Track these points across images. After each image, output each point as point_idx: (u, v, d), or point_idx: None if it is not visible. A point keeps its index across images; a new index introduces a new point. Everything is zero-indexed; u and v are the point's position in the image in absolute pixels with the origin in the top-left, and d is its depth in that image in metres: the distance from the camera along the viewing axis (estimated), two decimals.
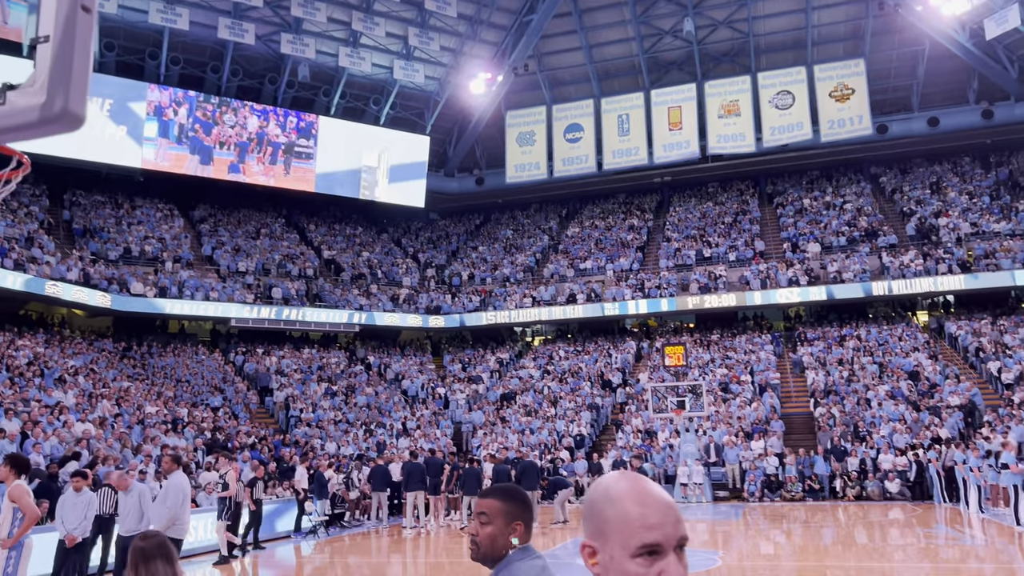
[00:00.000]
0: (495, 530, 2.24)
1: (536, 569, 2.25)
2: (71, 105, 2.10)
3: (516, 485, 2.47)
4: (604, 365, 29.58)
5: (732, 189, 38.36)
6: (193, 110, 31.27)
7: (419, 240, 39.87)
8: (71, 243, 28.58)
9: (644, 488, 1.29)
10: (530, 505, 2.35)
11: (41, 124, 2.10)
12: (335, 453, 22.14)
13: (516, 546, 2.28)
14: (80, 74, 2.15)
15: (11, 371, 19.42)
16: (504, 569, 2.25)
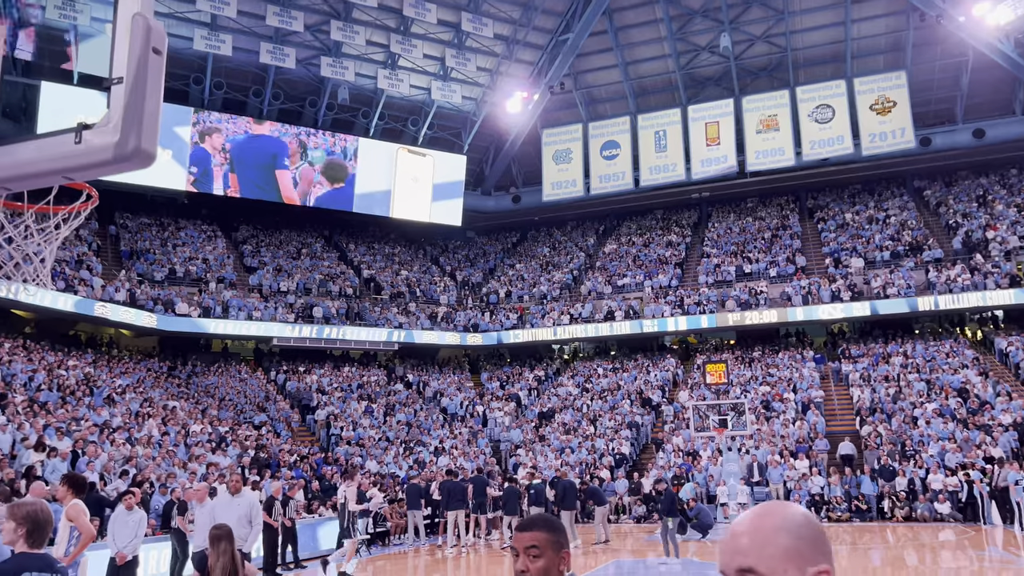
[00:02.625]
0: (547, 563, 2.19)
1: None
2: (143, 144, 2.18)
3: (549, 515, 2.43)
4: (644, 383, 29.35)
5: (772, 204, 37.96)
6: (233, 133, 31.95)
7: (456, 258, 40.11)
8: (118, 265, 29.31)
9: (736, 519, 1.35)
10: (565, 532, 2.34)
11: (115, 162, 2.19)
12: (376, 471, 22.24)
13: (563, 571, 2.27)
14: (151, 114, 2.23)
15: (62, 390, 19.92)
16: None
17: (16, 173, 2.29)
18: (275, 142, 32.70)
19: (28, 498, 5.97)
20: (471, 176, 37.44)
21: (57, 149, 2.25)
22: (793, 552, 1.27)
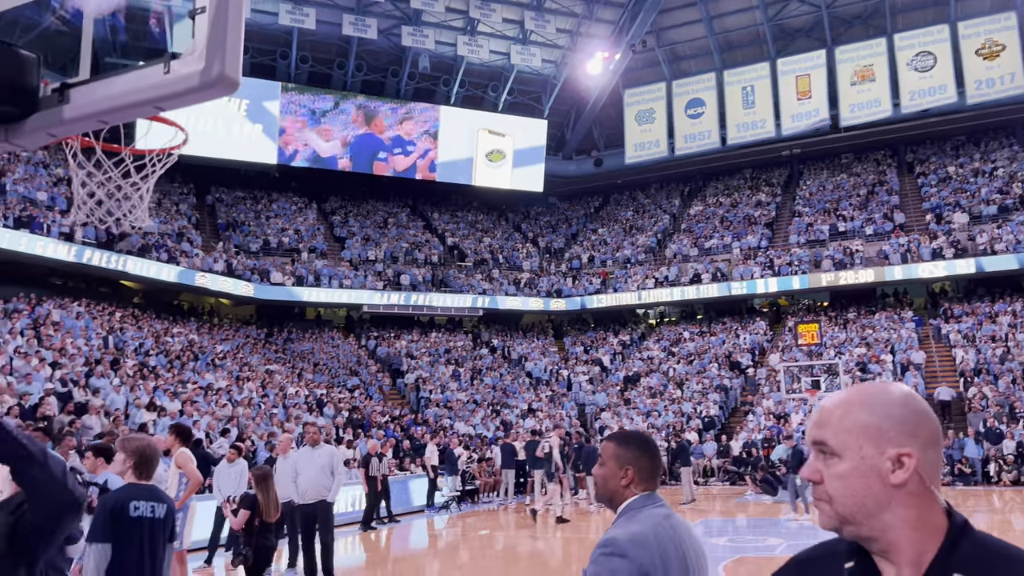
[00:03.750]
0: (606, 472, 2.32)
1: (657, 517, 2.25)
2: (227, 70, 2.25)
3: (644, 434, 2.46)
4: (732, 346, 28.77)
5: (867, 159, 36.24)
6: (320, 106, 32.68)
7: (539, 224, 40.07)
8: (216, 237, 30.59)
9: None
10: (648, 455, 2.35)
11: (201, 89, 2.27)
12: (465, 432, 22.68)
13: (635, 492, 2.30)
14: (234, 41, 2.30)
15: (168, 356, 21.06)
16: (624, 515, 2.28)
17: (113, 105, 2.40)
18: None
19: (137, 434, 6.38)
20: (552, 141, 37.18)
21: (148, 80, 2.34)
22: (872, 429, 1.18)
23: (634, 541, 2.13)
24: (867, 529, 1.15)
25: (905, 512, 1.14)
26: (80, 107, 2.42)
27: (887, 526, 1.14)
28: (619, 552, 2.10)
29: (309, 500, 8.52)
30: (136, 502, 3.89)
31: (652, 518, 2.22)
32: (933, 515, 1.15)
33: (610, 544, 2.13)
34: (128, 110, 2.42)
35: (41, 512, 1.71)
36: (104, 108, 2.40)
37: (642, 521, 2.20)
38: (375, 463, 14.38)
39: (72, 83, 2.45)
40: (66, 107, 2.44)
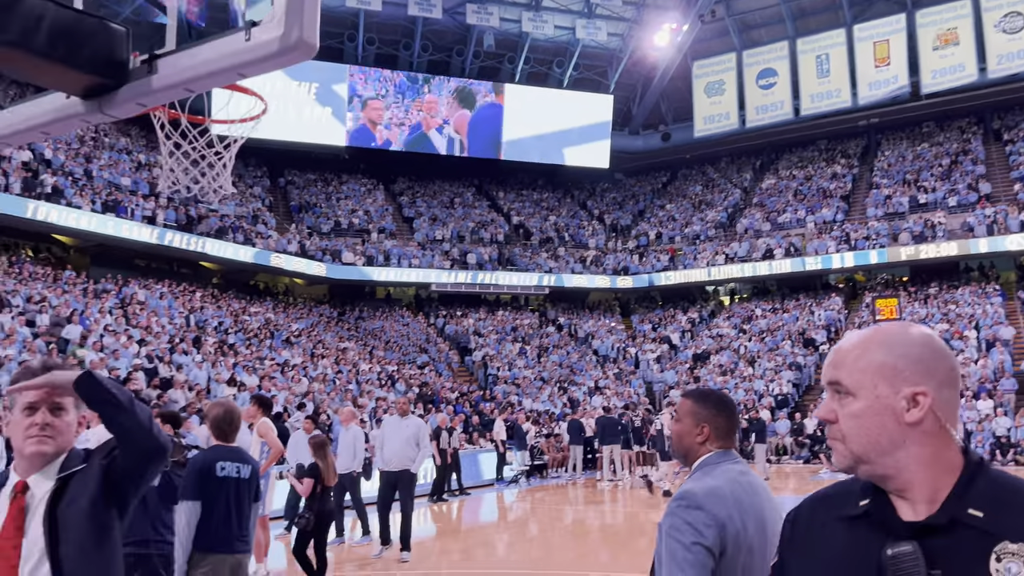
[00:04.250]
0: (682, 428, 2.34)
1: (732, 473, 2.24)
2: (305, 35, 2.31)
3: (722, 392, 2.46)
4: (806, 323, 28.07)
5: (951, 128, 34.59)
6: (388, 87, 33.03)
7: (605, 201, 39.72)
8: (289, 219, 31.38)
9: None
10: (725, 413, 2.35)
11: (280, 54, 2.33)
12: (532, 408, 22.83)
13: (711, 449, 2.30)
14: (311, 7, 2.36)
15: (247, 334, 21.79)
16: (700, 470, 2.28)
17: (198, 73, 2.49)
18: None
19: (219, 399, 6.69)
20: (618, 116, 36.71)
21: (230, 47, 2.42)
22: (887, 368, 1.16)
23: (710, 494, 2.13)
24: (881, 468, 1.15)
25: (920, 450, 1.14)
26: (167, 76, 2.52)
27: (902, 464, 1.14)
28: (695, 504, 2.10)
29: (393, 468, 8.69)
30: (222, 463, 4.08)
31: (728, 473, 2.22)
32: (949, 453, 1.15)
33: (686, 496, 2.13)
34: (212, 78, 2.50)
35: (130, 457, 1.82)
36: (189, 77, 2.49)
37: (717, 476, 2.21)
38: (445, 436, 14.63)
39: (160, 54, 2.55)
40: (154, 77, 2.54)
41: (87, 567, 1.79)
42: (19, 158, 20.63)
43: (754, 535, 2.13)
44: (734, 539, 2.08)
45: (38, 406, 1.81)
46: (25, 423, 1.81)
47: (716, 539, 2.07)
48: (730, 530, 2.07)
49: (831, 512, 1.21)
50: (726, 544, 2.07)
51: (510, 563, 8.90)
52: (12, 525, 1.76)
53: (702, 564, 2.04)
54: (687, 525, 2.07)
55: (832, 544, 1.17)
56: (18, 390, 1.79)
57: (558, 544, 10.12)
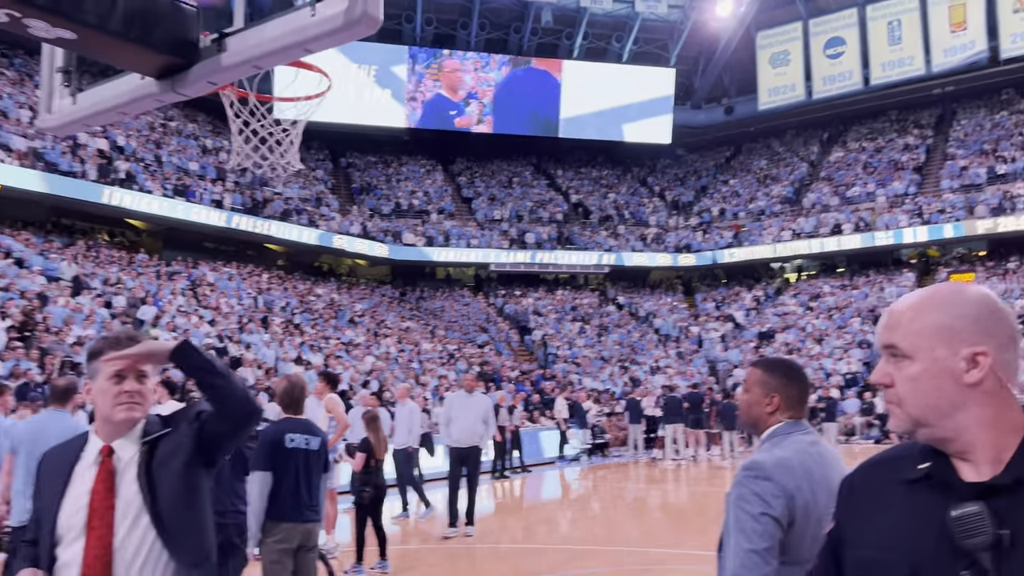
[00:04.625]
0: (751, 398, 2.30)
1: (803, 444, 2.20)
2: (369, 8, 2.32)
3: (792, 361, 2.40)
4: (877, 299, 27.23)
5: None
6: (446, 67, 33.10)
7: (666, 178, 39.12)
8: (351, 201, 31.86)
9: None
10: (796, 382, 2.29)
11: (345, 28, 2.35)
12: (593, 387, 22.79)
13: (780, 419, 2.25)
14: None
15: (312, 314, 22.29)
16: (769, 440, 2.24)
17: (265, 50, 2.53)
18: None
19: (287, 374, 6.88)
20: (679, 90, 36.00)
21: (296, 23, 2.45)
22: (945, 330, 1.12)
23: (779, 465, 2.09)
24: (941, 430, 1.12)
25: (981, 411, 1.11)
26: (236, 54, 2.57)
27: (962, 427, 1.11)
28: (764, 475, 2.07)
29: (463, 445, 8.69)
30: (291, 434, 4.20)
31: (798, 444, 2.18)
32: (1011, 413, 1.12)
33: (754, 467, 2.10)
34: (279, 54, 2.54)
35: (225, 420, 1.89)
36: (258, 54, 2.54)
37: (787, 447, 2.17)
38: (503, 414, 14.73)
39: (228, 32, 2.60)
40: (224, 55, 2.60)
41: (185, 521, 1.89)
42: (94, 146, 21.42)
43: (824, 506, 2.08)
44: (803, 510, 2.05)
45: (126, 374, 1.89)
46: (114, 391, 1.88)
47: (784, 510, 2.04)
48: (799, 501, 2.04)
49: (889, 476, 1.18)
50: (795, 515, 2.04)
51: (572, 539, 8.95)
52: (103, 487, 1.85)
53: (770, 535, 2.01)
54: (755, 496, 2.04)
55: (891, 508, 1.15)
56: (117, 359, 1.87)
57: (620, 521, 10.11)
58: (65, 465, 1.92)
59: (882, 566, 1.12)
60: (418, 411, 10.90)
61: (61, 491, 1.87)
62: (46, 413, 5.03)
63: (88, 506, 1.83)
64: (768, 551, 2.00)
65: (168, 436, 1.92)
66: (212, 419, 1.92)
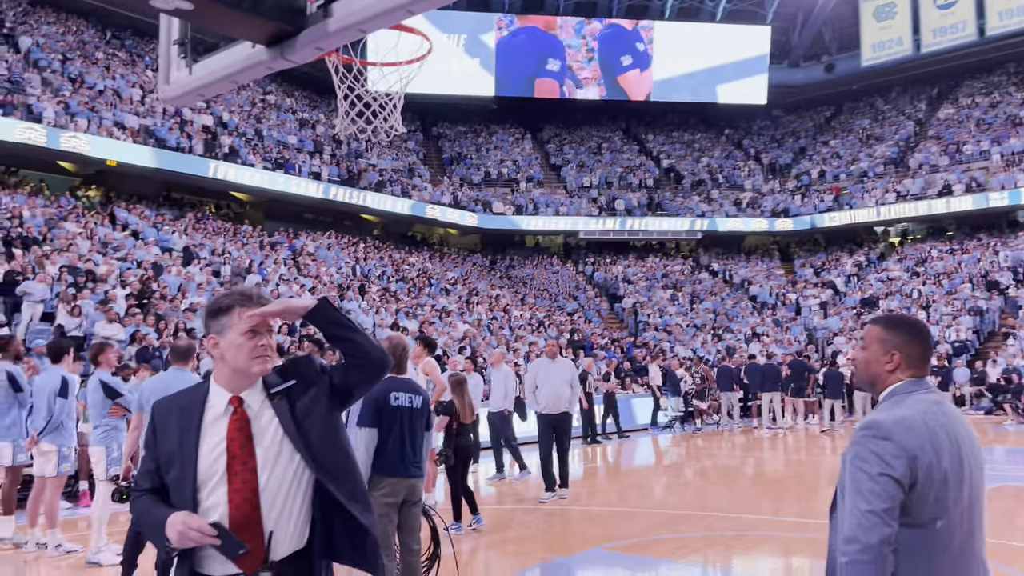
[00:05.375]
0: (869, 356, 2.20)
1: (925, 403, 2.10)
2: None
3: (915, 318, 2.30)
4: (990, 264, 25.72)
5: None
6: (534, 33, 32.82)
7: (761, 140, 37.83)
8: (442, 171, 32.24)
9: None
10: (919, 340, 2.18)
11: None
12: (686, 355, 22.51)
13: (901, 378, 2.16)
14: None
15: (406, 282, 22.80)
16: (890, 399, 2.15)
17: (370, 13, 2.59)
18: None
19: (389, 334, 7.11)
20: (776, 48, 34.62)
21: None
22: None
23: (900, 424, 2.02)
24: None
25: None
26: (342, 19, 2.64)
27: None
28: (883, 435, 2.00)
29: (552, 411, 8.76)
30: (396, 393, 4.34)
31: (920, 403, 2.09)
32: None
33: (873, 426, 2.03)
34: (384, 17, 2.60)
35: (361, 372, 2.07)
36: (362, 17, 2.60)
37: (909, 406, 2.08)
38: (590, 380, 14.75)
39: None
40: (330, 21, 2.67)
41: (339, 460, 2.04)
42: (200, 122, 22.39)
43: (949, 467, 2.01)
44: (926, 471, 1.97)
45: (260, 330, 2.00)
46: (250, 344, 1.99)
47: (906, 471, 1.96)
48: (922, 462, 1.96)
49: None
50: (917, 476, 1.96)
51: (665, 504, 8.94)
52: (241, 435, 1.96)
53: (889, 496, 1.95)
54: (873, 455, 1.98)
55: None
56: (258, 315, 1.99)
57: (714, 488, 10.03)
58: (193, 416, 1.99)
59: None
60: (512, 375, 11.09)
61: (196, 440, 1.96)
62: (171, 372, 5.38)
63: (227, 452, 1.94)
64: (887, 512, 1.94)
65: (299, 386, 2.03)
66: (345, 371, 2.06)
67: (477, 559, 6.42)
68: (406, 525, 4.35)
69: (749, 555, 6.40)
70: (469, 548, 6.69)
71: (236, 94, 26.34)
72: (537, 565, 6.19)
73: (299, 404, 2.01)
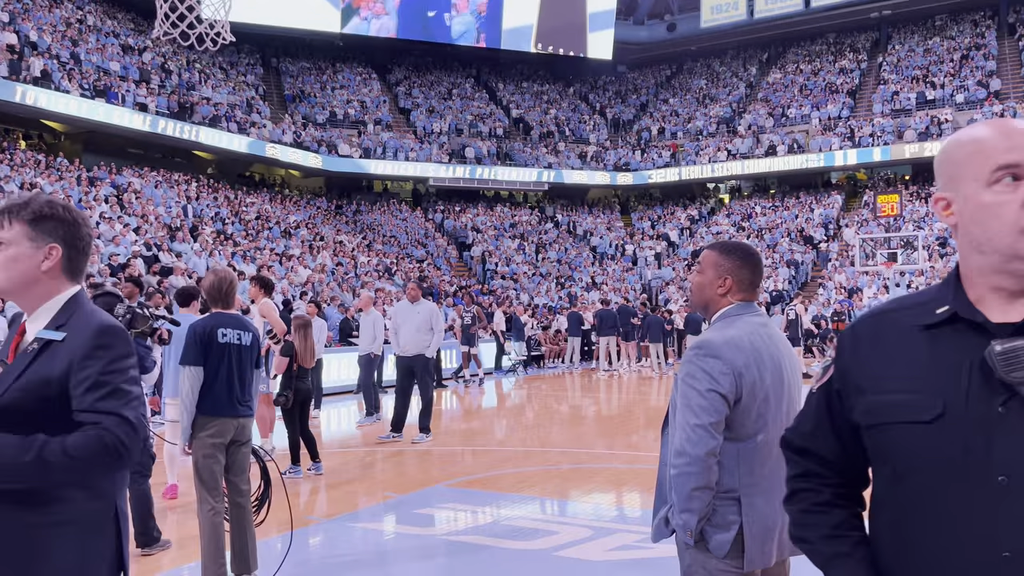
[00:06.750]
0: (703, 280, 2.29)
1: (753, 324, 2.22)
2: None
3: (748, 245, 2.41)
4: (805, 220, 28.01)
5: (964, 21, 33.50)
6: None
7: (606, 95, 38.83)
8: (283, 108, 30.69)
9: (1001, 120, 1.17)
10: (750, 265, 2.29)
11: None
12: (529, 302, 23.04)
13: (732, 301, 2.26)
14: None
15: (244, 224, 21.69)
16: (722, 320, 2.25)
17: None
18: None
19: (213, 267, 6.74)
20: (622, 4, 35.39)
21: None
22: None
23: (728, 343, 2.12)
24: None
25: None
26: None
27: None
28: (712, 353, 2.10)
29: (408, 353, 8.77)
30: (224, 329, 4.10)
31: (749, 325, 2.20)
32: None
33: (704, 345, 2.12)
34: None
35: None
36: None
37: (739, 327, 2.18)
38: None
39: None
40: None
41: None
42: (3, 40, 19.95)
43: (771, 385, 2.14)
44: (750, 388, 2.09)
45: None
46: None
47: (732, 387, 2.07)
48: (747, 379, 2.08)
49: (903, 323, 1.17)
50: (742, 392, 2.08)
51: (509, 443, 9.17)
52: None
53: (716, 410, 2.06)
54: (703, 372, 2.08)
55: (911, 352, 1.14)
56: None
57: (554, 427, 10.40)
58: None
59: (909, 407, 1.11)
60: (381, 320, 10.99)
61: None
62: None
63: None
64: (714, 426, 2.05)
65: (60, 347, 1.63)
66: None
67: (315, 500, 6.32)
68: (234, 466, 4.17)
69: (584, 486, 6.70)
70: (307, 490, 6.56)
71: (49, 11, 23.66)
72: (377, 504, 6.17)
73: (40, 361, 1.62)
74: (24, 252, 1.67)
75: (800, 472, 1.28)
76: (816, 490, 1.26)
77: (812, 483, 1.26)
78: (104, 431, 1.53)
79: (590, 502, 6.17)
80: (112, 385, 1.58)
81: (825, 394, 1.25)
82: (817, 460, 1.26)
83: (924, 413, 1.09)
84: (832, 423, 1.24)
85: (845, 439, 1.22)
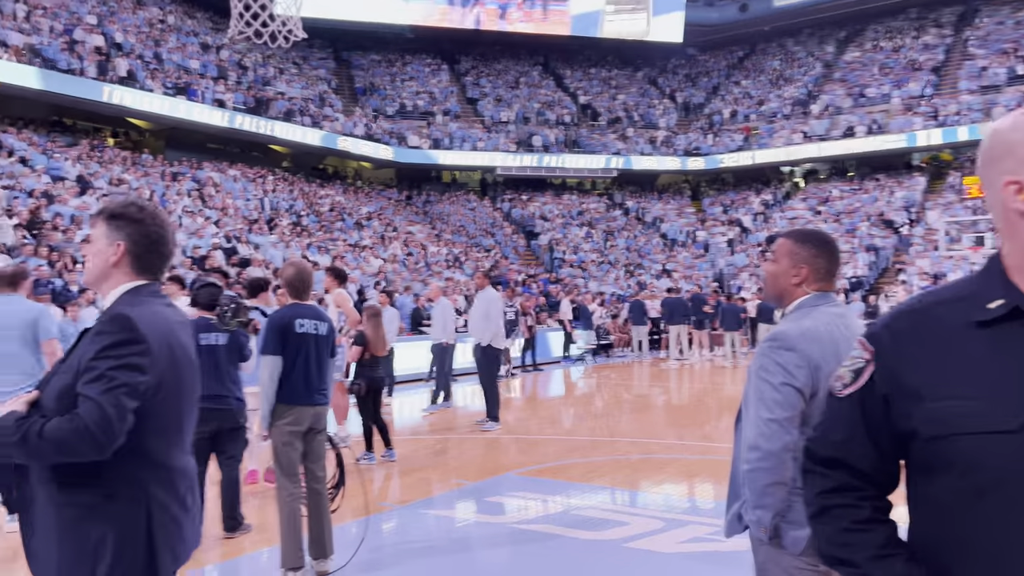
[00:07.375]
0: (778, 269, 2.24)
1: (830, 315, 2.16)
2: None
3: (824, 233, 2.35)
4: (886, 204, 26.98)
5: None
6: None
7: (676, 79, 38.13)
8: (355, 101, 31.23)
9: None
10: (826, 254, 2.24)
11: None
12: (599, 291, 22.92)
13: (808, 291, 2.21)
14: None
15: (318, 216, 22.22)
16: (797, 311, 2.20)
17: None
18: None
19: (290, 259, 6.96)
20: None
21: None
22: None
23: (804, 335, 2.07)
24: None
25: None
26: None
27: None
28: (787, 345, 2.05)
29: (477, 341, 9.17)
30: (300, 319, 4.23)
31: (825, 315, 2.15)
32: None
33: (778, 337, 2.08)
34: None
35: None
36: None
37: (815, 318, 2.13)
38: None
39: None
40: None
41: None
42: (91, 42, 20.88)
43: None
44: (827, 381, 2.04)
45: None
46: None
47: (808, 380, 2.02)
48: (824, 372, 2.02)
49: (949, 320, 1.08)
50: (819, 386, 2.02)
51: (577, 432, 9.17)
52: None
53: (791, 405, 2.01)
54: (777, 366, 2.03)
55: (971, 353, 1.04)
56: None
57: (623, 417, 10.35)
58: None
59: (983, 415, 1.01)
60: (451, 308, 11.19)
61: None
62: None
63: None
64: (788, 420, 2.00)
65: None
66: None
67: (388, 486, 6.46)
68: (311, 453, 4.30)
69: (655, 477, 6.65)
70: (381, 476, 6.71)
71: (133, 13, 24.65)
72: (449, 491, 6.27)
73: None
74: (101, 248, 1.86)
75: (833, 487, 1.17)
76: (855, 506, 1.15)
77: (849, 498, 1.16)
78: (75, 415, 1.61)
79: (661, 493, 6.13)
80: (98, 370, 1.66)
81: (861, 399, 1.15)
82: (851, 472, 1.16)
83: (1006, 421, 1.00)
84: (869, 431, 1.14)
85: (884, 448, 1.13)
